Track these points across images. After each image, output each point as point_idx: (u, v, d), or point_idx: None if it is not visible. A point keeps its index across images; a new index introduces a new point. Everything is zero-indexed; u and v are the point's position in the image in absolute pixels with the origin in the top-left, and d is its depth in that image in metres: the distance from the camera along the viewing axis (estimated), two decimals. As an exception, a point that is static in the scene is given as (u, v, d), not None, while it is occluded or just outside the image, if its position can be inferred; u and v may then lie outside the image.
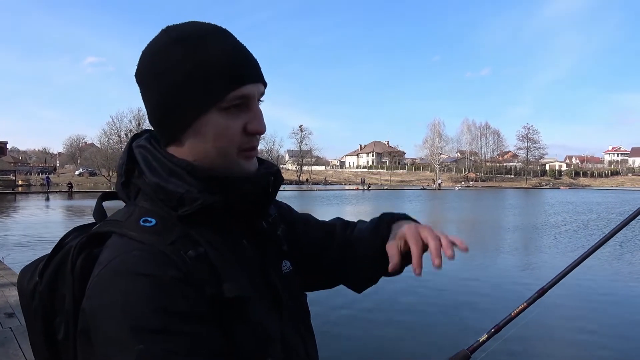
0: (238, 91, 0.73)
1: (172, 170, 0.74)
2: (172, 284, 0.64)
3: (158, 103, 0.75)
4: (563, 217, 25.24)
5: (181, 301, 0.64)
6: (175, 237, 0.70)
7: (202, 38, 0.73)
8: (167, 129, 0.76)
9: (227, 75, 0.72)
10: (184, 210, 0.72)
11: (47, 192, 48.94)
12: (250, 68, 0.76)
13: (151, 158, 0.77)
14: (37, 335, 0.76)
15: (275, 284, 0.82)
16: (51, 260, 0.76)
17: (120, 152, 0.76)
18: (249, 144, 0.77)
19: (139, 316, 0.61)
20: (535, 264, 11.89)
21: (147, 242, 0.68)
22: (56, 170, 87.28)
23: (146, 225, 0.71)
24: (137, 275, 0.64)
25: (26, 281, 0.78)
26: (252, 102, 0.75)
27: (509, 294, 8.31)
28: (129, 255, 0.66)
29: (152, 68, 0.75)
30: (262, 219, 0.87)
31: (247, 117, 0.75)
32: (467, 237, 17.30)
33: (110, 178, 71.06)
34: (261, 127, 0.76)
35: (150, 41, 0.77)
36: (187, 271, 0.67)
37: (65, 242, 0.78)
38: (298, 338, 0.85)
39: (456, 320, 6.72)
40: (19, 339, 4.62)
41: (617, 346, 5.87)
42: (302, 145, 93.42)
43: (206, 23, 0.77)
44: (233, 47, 0.75)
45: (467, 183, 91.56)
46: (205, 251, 0.71)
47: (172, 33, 0.75)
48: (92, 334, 0.64)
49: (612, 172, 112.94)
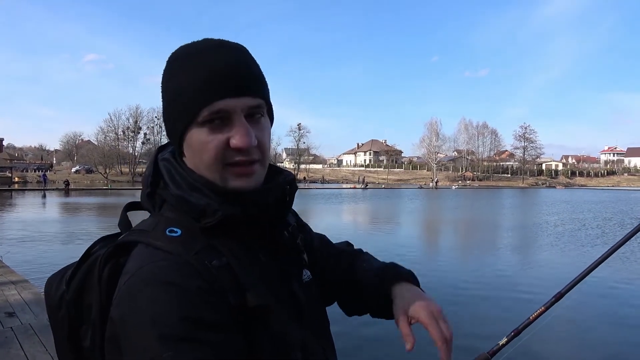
0: (212, 106, 0.73)
1: (192, 184, 0.77)
2: (198, 294, 0.66)
3: (162, 118, 0.82)
4: (561, 216, 25.33)
5: (207, 310, 0.65)
6: (199, 248, 0.72)
7: (188, 57, 0.76)
8: (172, 140, 0.82)
9: (202, 91, 0.73)
10: (206, 222, 0.75)
11: (44, 189, 48.70)
12: (231, 82, 0.74)
13: (174, 172, 0.79)
14: (63, 343, 0.78)
15: (297, 293, 0.84)
16: (78, 270, 0.77)
17: (118, 149, 0.77)
18: (236, 159, 0.76)
19: (167, 325, 0.62)
20: (545, 263, 11.93)
21: (174, 252, 0.70)
22: (53, 168, 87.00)
23: (172, 235, 0.73)
24: (165, 284, 0.65)
25: (53, 290, 0.80)
26: (233, 116, 0.75)
27: (523, 295, 8.28)
28: (156, 265, 0.68)
29: (161, 84, 0.81)
30: (282, 228, 0.88)
31: (230, 131, 0.75)
32: (467, 237, 17.34)
33: (107, 175, 70.97)
34: (243, 142, 0.74)
35: None
36: (212, 281, 0.69)
37: (92, 251, 0.80)
38: (318, 345, 0.85)
39: (473, 322, 6.70)
40: (20, 338, 4.60)
41: (633, 349, 5.88)
42: (299, 144, 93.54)
43: (209, 40, 0.79)
44: (215, 63, 0.75)
45: (464, 182, 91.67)
46: (227, 261, 0.73)
47: (176, 51, 0.79)
48: (121, 341, 0.65)
49: (608, 171, 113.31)
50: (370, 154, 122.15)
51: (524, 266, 11.59)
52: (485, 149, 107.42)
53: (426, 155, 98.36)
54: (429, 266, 11.11)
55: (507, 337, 1.00)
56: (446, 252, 13.98)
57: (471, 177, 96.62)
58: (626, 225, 20.65)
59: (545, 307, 1.09)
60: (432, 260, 12.30)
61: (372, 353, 5.40)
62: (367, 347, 5.70)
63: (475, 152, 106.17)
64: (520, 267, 11.51)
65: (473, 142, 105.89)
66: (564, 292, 1.12)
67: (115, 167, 77.32)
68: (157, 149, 0.88)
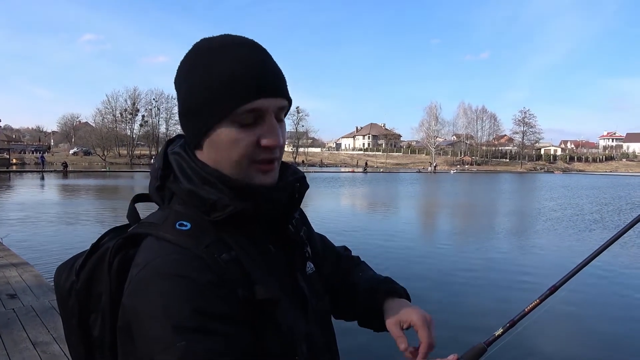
0: (249, 105, 0.74)
1: (205, 178, 0.77)
2: (209, 287, 0.68)
3: (181, 110, 0.80)
4: (558, 201, 25.44)
5: (218, 303, 0.68)
6: (209, 241, 0.73)
7: (222, 52, 0.76)
8: (190, 135, 0.81)
9: (238, 89, 0.74)
10: (216, 216, 0.76)
11: (42, 171, 48.69)
12: (266, 83, 0.76)
13: (185, 166, 0.80)
14: (73, 332, 0.80)
15: (302, 286, 0.86)
16: (88, 260, 0.79)
17: (115, 131, 0.78)
18: (262, 157, 0.78)
19: (180, 316, 0.64)
20: (542, 249, 12.02)
21: (184, 245, 0.72)
22: (50, 149, 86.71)
23: (182, 229, 0.74)
24: (177, 277, 0.67)
25: (63, 280, 0.81)
26: (266, 116, 0.76)
27: (519, 285, 8.32)
28: (168, 258, 0.70)
29: (181, 77, 0.80)
30: (289, 223, 0.90)
31: (261, 130, 0.76)
32: (464, 222, 17.40)
33: (105, 158, 70.75)
34: (274, 141, 0.77)
35: (187, 51, 0.81)
36: (222, 274, 0.70)
37: (102, 242, 0.82)
38: (321, 336, 0.88)
39: (470, 311, 6.77)
40: (22, 320, 4.66)
41: (625, 341, 5.95)
42: (298, 127, 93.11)
43: (237, 36, 0.80)
44: (251, 62, 0.76)
45: (462, 167, 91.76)
46: (236, 255, 0.75)
47: (200, 44, 0.79)
48: (134, 331, 0.67)
49: (606, 157, 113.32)
50: (369, 137, 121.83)
51: (522, 253, 11.68)
52: (484, 133, 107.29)
53: (425, 140, 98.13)
54: (425, 253, 11.21)
55: (503, 327, 1.04)
56: (442, 238, 14.05)
57: (469, 161, 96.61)
58: (623, 211, 20.76)
59: (540, 299, 1.12)
60: (428, 247, 12.39)
61: (371, 350, 5.45)
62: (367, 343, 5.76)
63: (474, 137, 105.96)
64: (517, 254, 11.59)
65: (472, 126, 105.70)
66: (558, 285, 1.16)
67: (113, 149, 76.95)
68: (166, 142, 0.88)
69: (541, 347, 5.37)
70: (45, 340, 4.19)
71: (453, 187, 39.43)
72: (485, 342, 0.92)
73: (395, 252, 10.76)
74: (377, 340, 5.75)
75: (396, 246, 11.54)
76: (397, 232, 13.93)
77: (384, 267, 9.03)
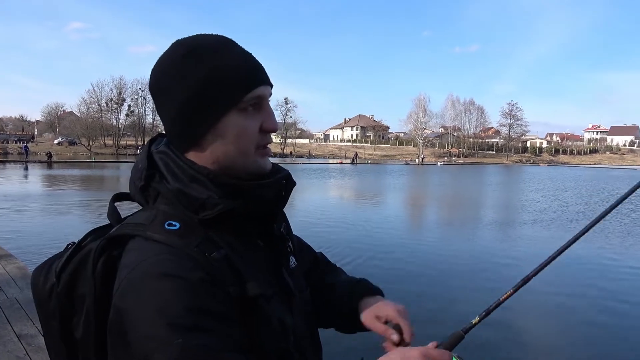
0: (253, 92, 0.78)
1: (193, 177, 0.78)
2: (201, 285, 0.69)
3: (178, 111, 0.78)
4: (542, 193, 25.79)
5: (210, 301, 0.69)
6: (199, 240, 0.74)
7: (213, 47, 0.79)
8: (189, 134, 0.79)
9: (243, 79, 0.78)
10: (205, 215, 0.77)
11: (26, 161, 47.84)
12: (261, 72, 0.82)
13: (172, 164, 0.79)
14: (53, 335, 0.79)
15: (288, 281, 0.88)
16: (69, 262, 0.78)
17: (101, 121, 0.78)
18: (264, 142, 0.83)
19: (174, 314, 0.65)
20: (523, 238, 12.20)
21: (175, 245, 0.72)
22: (34, 139, 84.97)
23: (171, 229, 0.75)
24: (169, 277, 0.68)
25: (41, 282, 0.80)
26: (265, 102, 0.82)
27: (491, 274, 8.49)
28: (159, 259, 0.70)
29: (169, 79, 0.78)
30: (275, 220, 0.91)
31: (262, 116, 0.81)
32: (450, 214, 17.56)
33: (91, 148, 69.79)
34: (275, 125, 0.83)
35: (162, 55, 0.80)
36: (213, 272, 0.72)
37: (83, 244, 0.80)
38: (305, 328, 0.91)
39: (450, 299, 6.91)
40: (7, 312, 4.62)
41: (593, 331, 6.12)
42: (286, 118, 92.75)
43: (213, 35, 0.82)
44: (244, 54, 0.81)
45: (449, 159, 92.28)
46: (226, 253, 0.76)
47: (184, 45, 0.79)
48: (128, 332, 0.67)
49: (590, 150, 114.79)
50: (357, 129, 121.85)
51: (502, 242, 11.89)
52: (471, 125, 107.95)
53: (413, 131, 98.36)
54: (410, 243, 11.31)
55: (479, 316, 1.07)
56: (427, 229, 14.21)
57: (457, 153, 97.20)
58: (593, 203, 21.11)
59: (513, 289, 1.16)
60: (413, 238, 12.51)
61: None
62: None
63: (461, 129, 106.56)
64: (498, 243, 11.80)
65: (460, 118, 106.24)
66: (530, 275, 1.19)
67: (98, 139, 75.85)
68: (148, 141, 0.88)
69: (513, 334, 5.55)
70: (31, 332, 4.17)
71: (440, 179, 39.70)
72: (463, 330, 0.95)
73: (381, 241, 10.87)
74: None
75: (381, 236, 11.67)
76: (383, 222, 14.03)
77: (368, 257, 9.11)
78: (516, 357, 5.19)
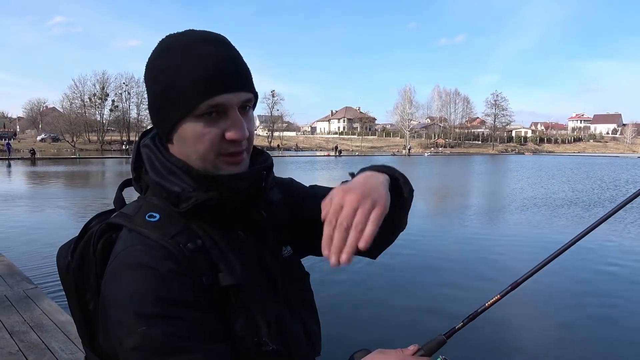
0: (211, 100, 0.77)
1: (170, 169, 0.81)
2: (170, 275, 0.73)
3: (150, 106, 0.84)
4: (528, 181, 26.03)
5: (178, 290, 0.72)
6: (175, 232, 0.78)
7: (185, 50, 0.78)
8: (159, 129, 0.84)
9: (199, 85, 0.76)
10: (182, 207, 0.80)
11: (9, 158, 46.87)
12: (227, 78, 0.78)
13: (154, 158, 0.84)
14: (74, 305, 0.86)
15: (270, 269, 0.88)
16: (78, 244, 0.84)
17: (85, 117, 0.80)
18: (230, 150, 0.81)
19: (142, 303, 0.70)
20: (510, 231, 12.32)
21: (151, 236, 0.77)
22: (16, 136, 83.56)
23: (151, 220, 0.79)
24: (140, 266, 0.73)
25: (62, 259, 0.87)
26: (229, 110, 0.79)
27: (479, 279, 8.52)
28: (133, 249, 0.75)
29: (146, 74, 0.83)
30: (259, 209, 0.92)
31: (226, 124, 0.79)
32: (437, 205, 17.63)
33: (75, 144, 68.73)
34: (238, 135, 0.79)
35: (154, 49, 0.83)
36: (185, 263, 0.75)
37: (89, 227, 0.87)
38: (297, 319, 0.90)
39: (434, 301, 6.83)
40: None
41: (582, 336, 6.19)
42: (273, 111, 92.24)
43: (201, 32, 0.81)
44: (212, 59, 0.78)
45: (436, 149, 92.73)
46: (203, 243, 0.79)
47: (164, 43, 0.81)
48: (107, 317, 0.74)
49: (574, 138, 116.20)
50: (344, 121, 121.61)
51: (491, 236, 11.96)
52: (457, 116, 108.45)
53: (399, 123, 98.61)
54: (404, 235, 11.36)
55: (463, 321, 1.04)
56: (415, 220, 14.29)
57: (443, 144, 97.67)
58: (580, 190, 21.40)
59: (500, 295, 1.13)
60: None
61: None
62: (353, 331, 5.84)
63: (447, 119, 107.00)
64: (486, 237, 11.87)
65: (446, 109, 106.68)
66: (520, 281, 1.18)
67: (82, 135, 74.65)
68: (141, 134, 0.92)
69: (498, 339, 5.45)
70: (22, 329, 4.16)
71: (427, 169, 39.85)
72: (445, 334, 0.95)
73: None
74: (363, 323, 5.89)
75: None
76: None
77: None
78: (511, 356, 5.16)
